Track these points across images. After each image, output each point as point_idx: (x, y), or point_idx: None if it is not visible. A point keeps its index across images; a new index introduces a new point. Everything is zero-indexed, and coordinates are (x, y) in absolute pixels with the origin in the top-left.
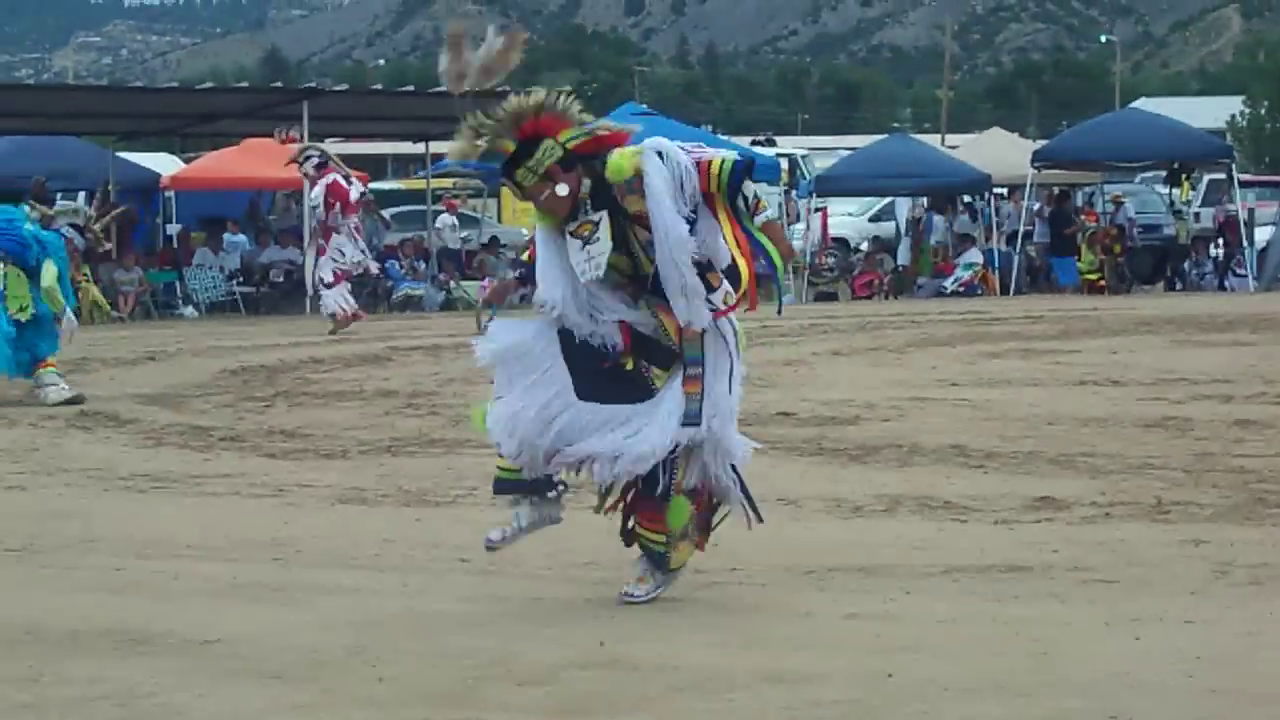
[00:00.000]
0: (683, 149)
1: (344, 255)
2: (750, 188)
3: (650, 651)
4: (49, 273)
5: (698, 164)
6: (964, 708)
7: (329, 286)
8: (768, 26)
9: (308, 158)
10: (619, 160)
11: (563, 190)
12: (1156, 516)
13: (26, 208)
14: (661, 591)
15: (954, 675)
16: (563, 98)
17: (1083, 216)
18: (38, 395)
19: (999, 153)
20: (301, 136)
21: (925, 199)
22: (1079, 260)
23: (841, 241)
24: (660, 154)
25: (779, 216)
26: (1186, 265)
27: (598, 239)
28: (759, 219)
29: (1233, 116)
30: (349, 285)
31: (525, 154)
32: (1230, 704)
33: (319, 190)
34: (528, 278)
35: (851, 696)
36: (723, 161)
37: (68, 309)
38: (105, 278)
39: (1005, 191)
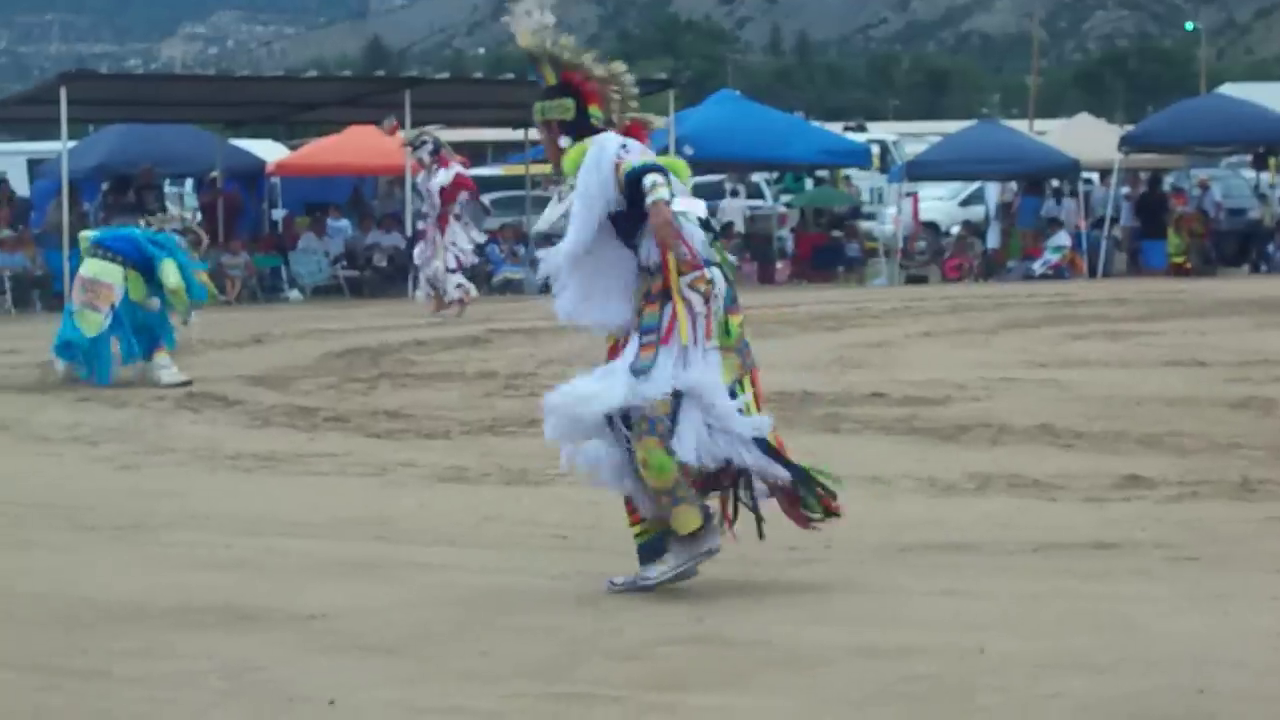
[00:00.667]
0: (621, 150)
1: (461, 243)
2: (649, 179)
3: (744, 627)
4: (171, 273)
5: (615, 165)
6: (1053, 684)
7: (452, 272)
8: (859, 15)
9: (423, 143)
10: (573, 154)
11: (564, 143)
12: (1241, 495)
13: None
14: (682, 568)
15: (1042, 652)
16: (620, 78)
17: (1171, 201)
18: (151, 376)
19: (1087, 138)
20: (403, 124)
21: (1016, 183)
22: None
23: (932, 225)
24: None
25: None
26: (1271, 248)
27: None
28: (649, 199)
29: None
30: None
31: (550, 95)
32: None
33: (445, 177)
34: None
35: (942, 672)
36: (629, 166)
37: (193, 314)
38: (212, 262)
39: (1097, 177)
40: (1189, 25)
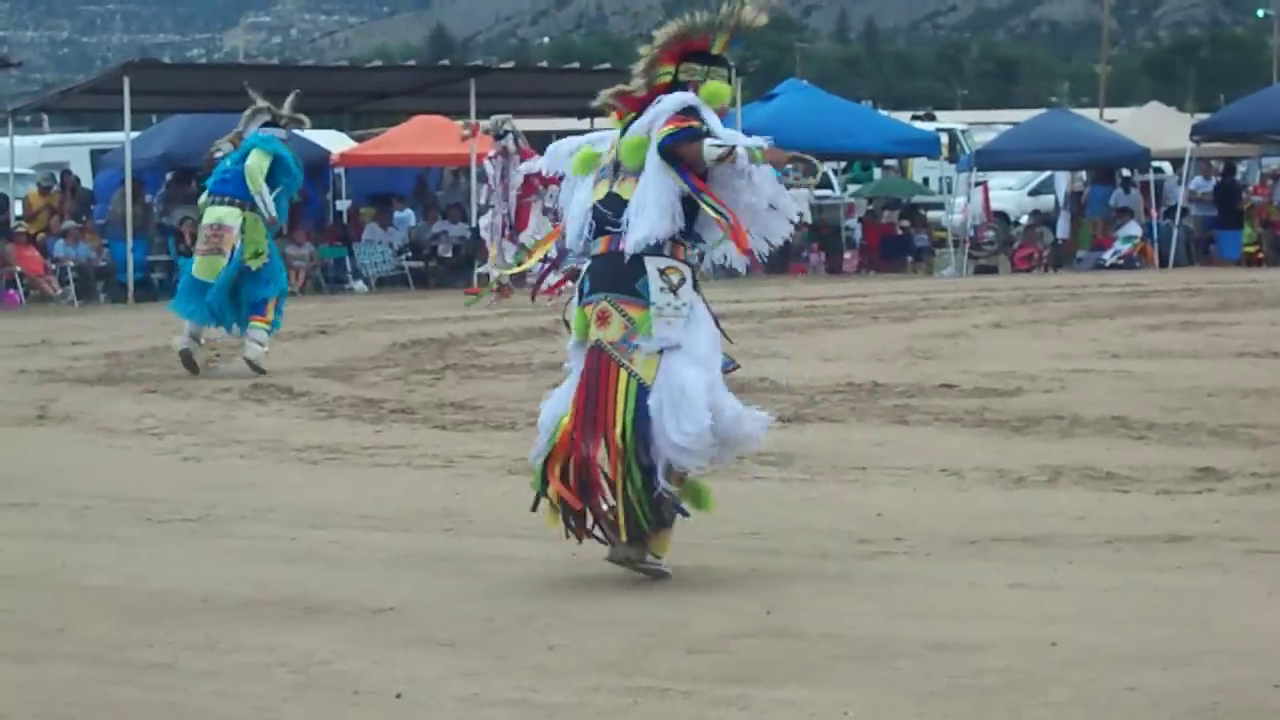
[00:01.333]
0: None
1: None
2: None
3: (815, 620)
4: (256, 163)
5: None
6: (1127, 677)
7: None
8: (927, 2)
9: (507, 132)
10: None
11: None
12: None
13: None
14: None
15: (1117, 645)
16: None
17: (1249, 190)
18: (246, 350)
19: (1158, 127)
20: (468, 114)
21: (1086, 173)
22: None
23: (1001, 215)
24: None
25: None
26: None
27: None
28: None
29: None
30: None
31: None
32: None
33: (530, 166)
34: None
35: (1015, 665)
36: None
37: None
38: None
39: (1169, 166)
40: (1260, 12)
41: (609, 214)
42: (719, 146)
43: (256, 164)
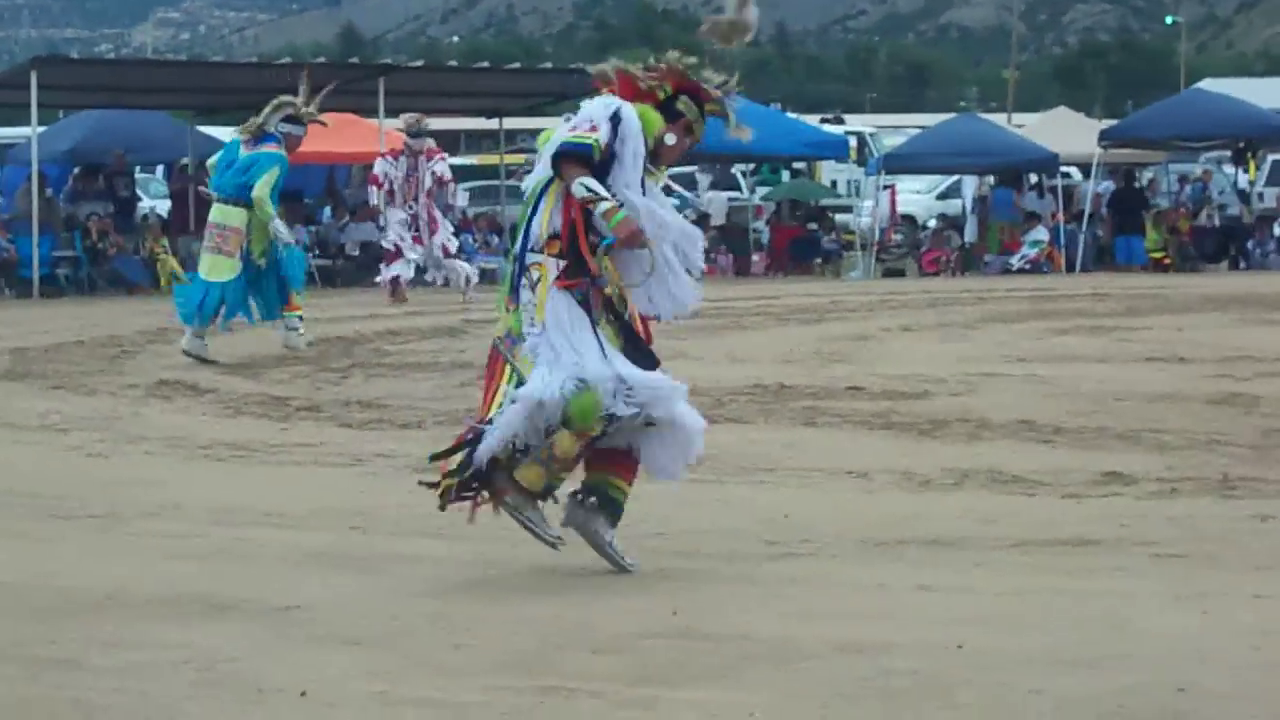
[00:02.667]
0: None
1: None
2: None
3: (723, 621)
4: (260, 184)
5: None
6: (1034, 680)
7: (451, 257)
8: (837, 6)
9: (425, 132)
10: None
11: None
12: (1223, 492)
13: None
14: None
15: (1024, 648)
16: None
17: (1147, 192)
18: (286, 340)
19: (1066, 132)
20: (376, 113)
21: (992, 177)
22: (1144, 239)
23: (909, 219)
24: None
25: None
26: (1251, 244)
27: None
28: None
29: None
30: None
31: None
32: None
33: (442, 168)
34: None
35: (923, 667)
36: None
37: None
38: (183, 249)
39: (1077, 171)
40: (1170, 19)
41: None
42: (587, 189)
43: (264, 193)
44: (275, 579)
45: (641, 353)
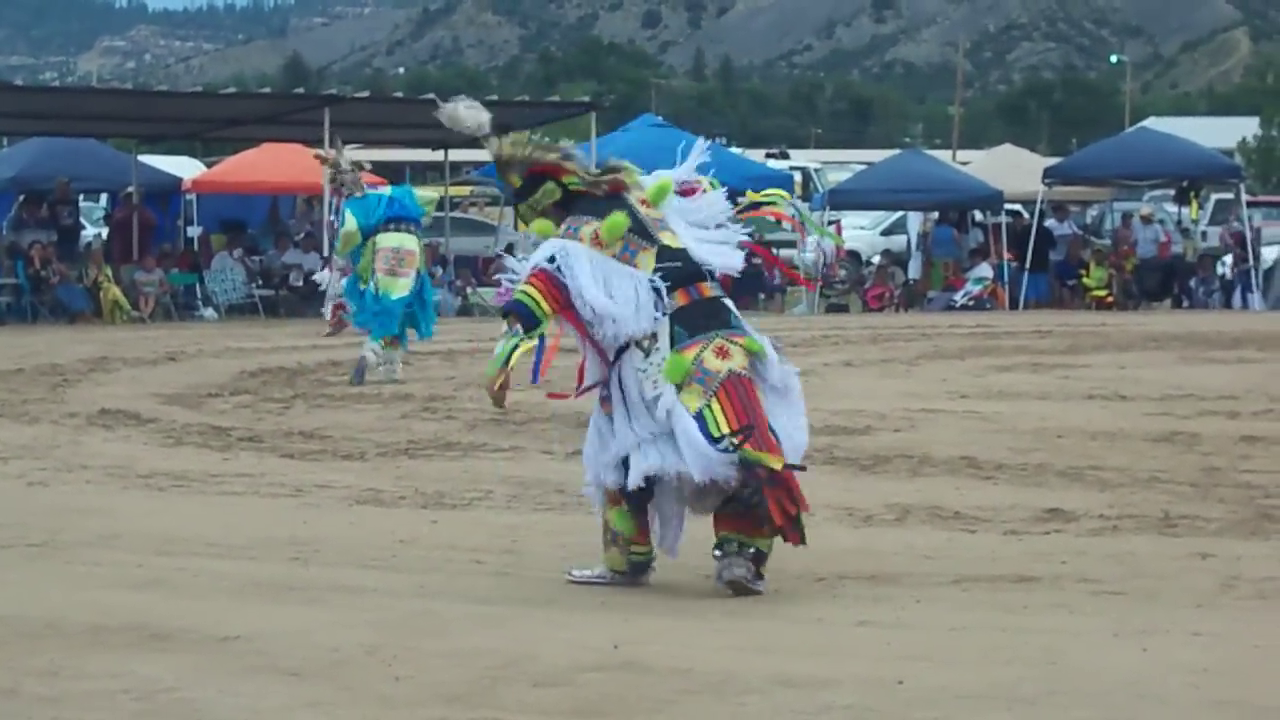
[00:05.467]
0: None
1: None
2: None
3: (664, 655)
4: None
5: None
6: (973, 716)
7: None
8: (783, 41)
9: (349, 170)
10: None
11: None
12: (1164, 530)
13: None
14: (598, 581)
15: (963, 683)
16: (574, 152)
17: (1082, 235)
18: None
19: (1010, 169)
20: (321, 143)
21: (935, 213)
22: (1087, 277)
23: (853, 254)
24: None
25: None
26: (1193, 282)
27: None
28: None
29: (1242, 138)
30: None
31: (528, 191)
32: (1236, 715)
33: None
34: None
35: (862, 702)
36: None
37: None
38: (126, 278)
39: (1023, 209)
40: (1114, 58)
41: (680, 265)
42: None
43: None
44: (215, 609)
45: None
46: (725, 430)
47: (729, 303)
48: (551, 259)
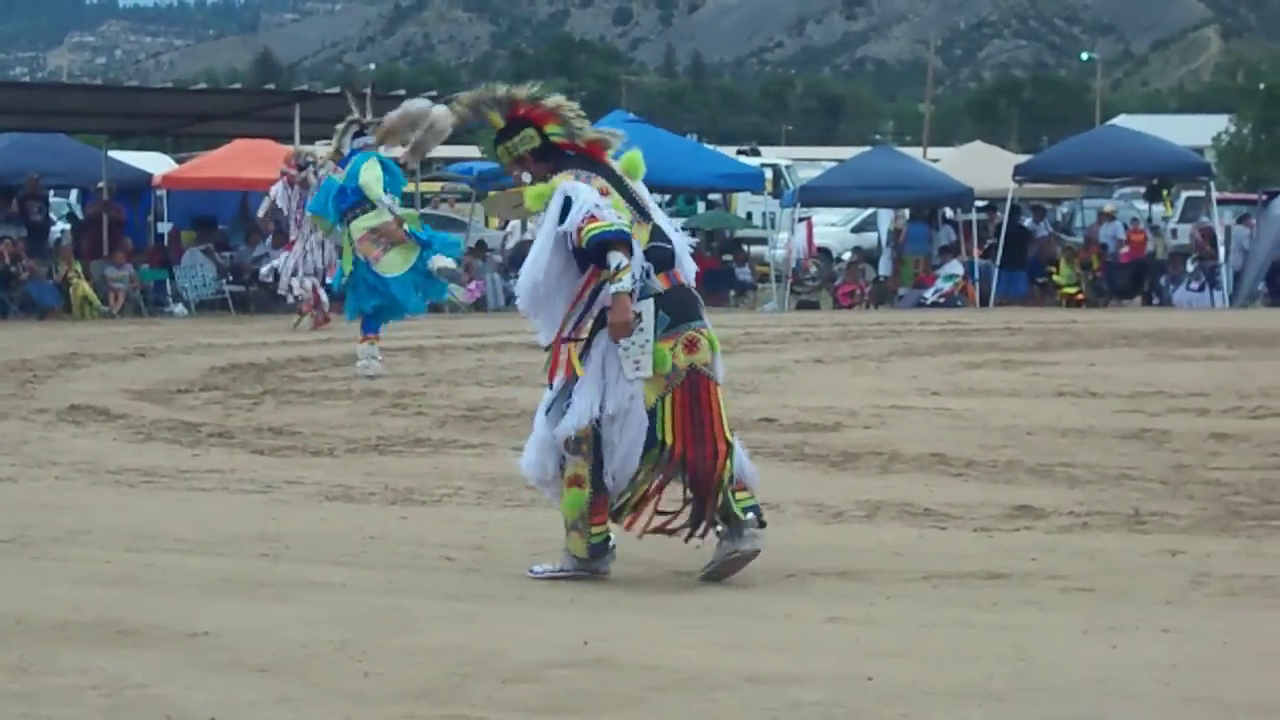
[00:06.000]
0: (588, 204)
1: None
2: (614, 258)
3: (634, 651)
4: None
5: (579, 228)
6: (943, 712)
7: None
8: (753, 38)
9: (309, 163)
10: (540, 190)
11: (526, 179)
12: (1134, 526)
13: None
14: (569, 575)
15: (933, 680)
16: (563, 101)
17: (1052, 232)
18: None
19: (981, 166)
20: (292, 139)
21: (907, 210)
22: (1057, 274)
23: (824, 251)
24: (569, 198)
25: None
26: (1163, 280)
27: None
28: (610, 288)
29: (1214, 136)
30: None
31: (507, 134)
32: (1205, 712)
33: None
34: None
35: (832, 699)
36: (593, 229)
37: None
38: (96, 274)
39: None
40: (1085, 56)
41: (669, 248)
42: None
43: (372, 175)
44: (184, 605)
45: None
46: (670, 441)
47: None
48: (597, 204)
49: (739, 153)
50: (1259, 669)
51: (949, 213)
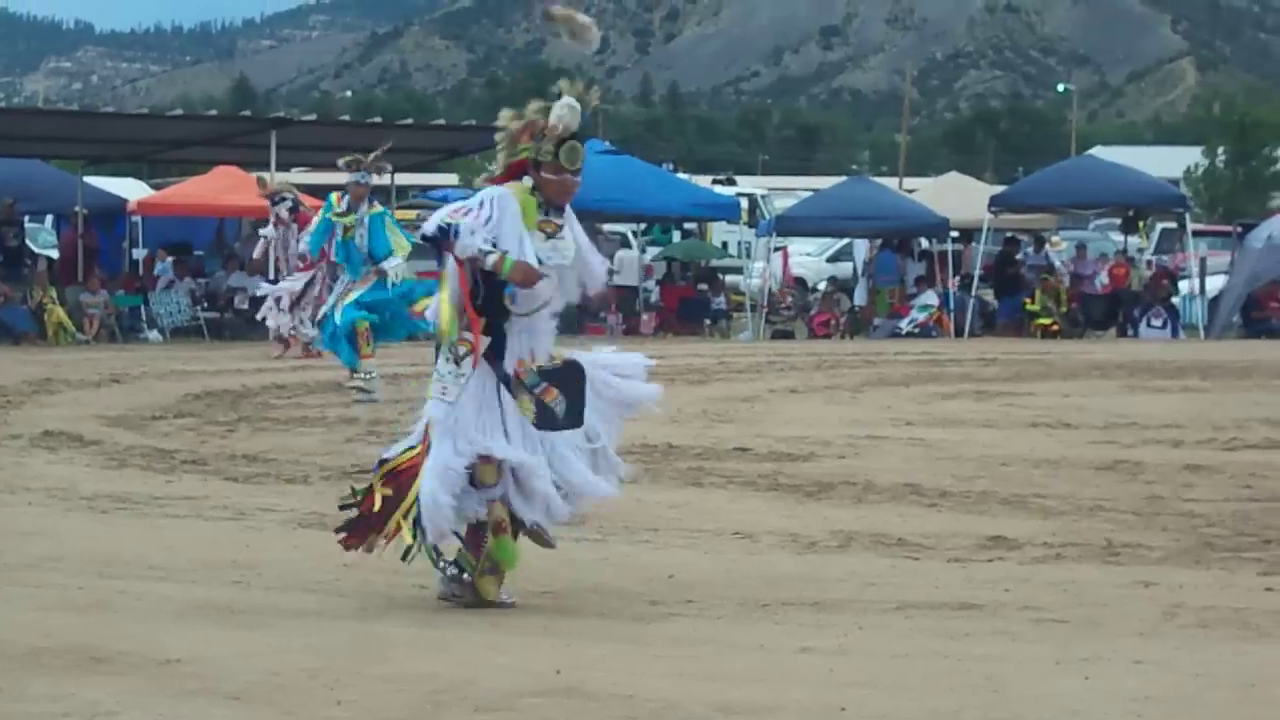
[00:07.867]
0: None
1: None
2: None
3: (606, 680)
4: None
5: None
6: None
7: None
8: (730, 68)
9: (281, 200)
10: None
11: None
12: (1107, 558)
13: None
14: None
15: (906, 711)
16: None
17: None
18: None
19: (957, 197)
20: (268, 165)
21: (879, 240)
22: (1031, 303)
23: (800, 281)
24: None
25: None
26: (1138, 311)
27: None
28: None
29: (1188, 168)
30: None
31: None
32: None
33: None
34: None
35: None
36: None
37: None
38: (71, 300)
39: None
40: (1061, 87)
41: None
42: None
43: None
44: (157, 632)
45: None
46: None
47: None
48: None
49: (715, 182)
50: (1231, 701)
51: (924, 243)
